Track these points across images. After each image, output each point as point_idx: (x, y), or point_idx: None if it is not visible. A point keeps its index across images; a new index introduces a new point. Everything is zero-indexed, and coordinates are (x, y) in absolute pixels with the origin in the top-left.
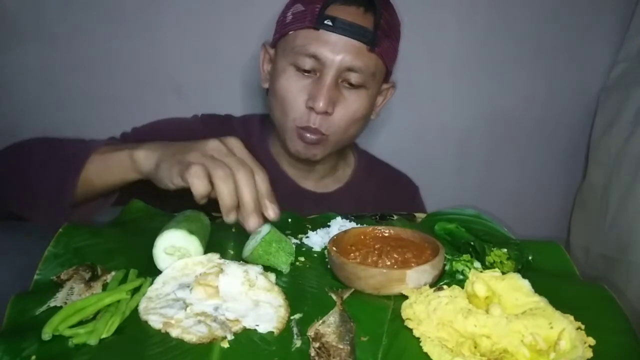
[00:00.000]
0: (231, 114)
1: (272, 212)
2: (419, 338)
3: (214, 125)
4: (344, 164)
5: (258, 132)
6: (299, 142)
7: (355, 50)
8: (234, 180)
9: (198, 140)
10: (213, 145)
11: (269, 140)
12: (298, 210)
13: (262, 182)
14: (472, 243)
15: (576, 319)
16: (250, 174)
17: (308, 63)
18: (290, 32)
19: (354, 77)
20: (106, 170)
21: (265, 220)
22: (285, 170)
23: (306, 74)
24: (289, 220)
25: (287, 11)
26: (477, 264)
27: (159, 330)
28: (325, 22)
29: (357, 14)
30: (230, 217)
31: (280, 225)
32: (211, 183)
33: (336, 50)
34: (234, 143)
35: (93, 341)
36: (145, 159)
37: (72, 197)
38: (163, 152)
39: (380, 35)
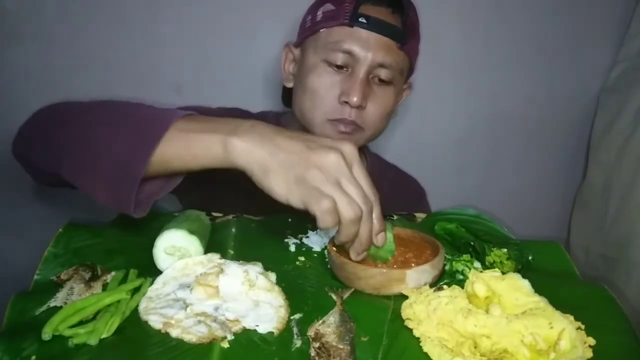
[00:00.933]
0: (247, 110)
1: (380, 241)
2: (419, 338)
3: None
4: None
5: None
6: (332, 134)
7: (386, 47)
8: (357, 213)
9: (311, 141)
10: (334, 161)
11: None
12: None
13: (377, 216)
14: (472, 243)
15: (576, 319)
16: (371, 210)
17: (341, 59)
18: (322, 30)
19: (384, 73)
20: (189, 152)
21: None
22: None
23: (338, 69)
24: (289, 219)
25: (315, 11)
26: (477, 264)
27: (159, 330)
28: (360, 19)
29: (386, 14)
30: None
31: (280, 225)
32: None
33: (369, 47)
34: (353, 157)
35: (93, 341)
36: (244, 153)
37: (142, 174)
38: (271, 155)
39: (408, 34)
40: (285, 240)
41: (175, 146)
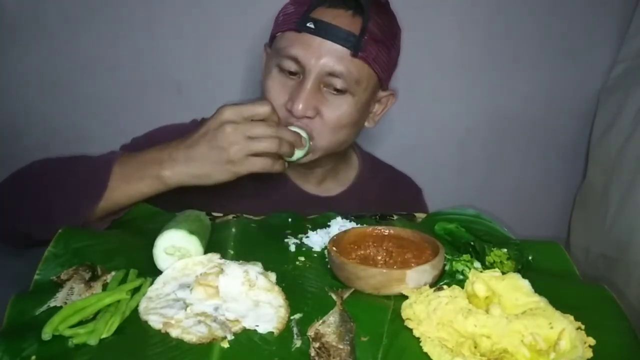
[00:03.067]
0: None
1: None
2: (419, 338)
3: None
4: (346, 167)
5: None
6: None
7: (337, 55)
8: (268, 140)
9: (204, 134)
10: (230, 131)
11: None
12: (302, 214)
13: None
14: (472, 243)
15: (576, 319)
16: (264, 125)
17: (291, 65)
18: (278, 34)
19: (338, 83)
20: (131, 190)
21: None
22: (289, 174)
23: (291, 76)
24: (289, 219)
25: (280, 12)
26: (477, 264)
27: (159, 330)
28: (308, 24)
29: (344, 17)
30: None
31: (280, 225)
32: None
33: (317, 54)
34: (235, 113)
35: (93, 341)
36: (176, 177)
37: (91, 217)
38: (194, 167)
39: (368, 40)
40: (285, 240)
41: (116, 187)
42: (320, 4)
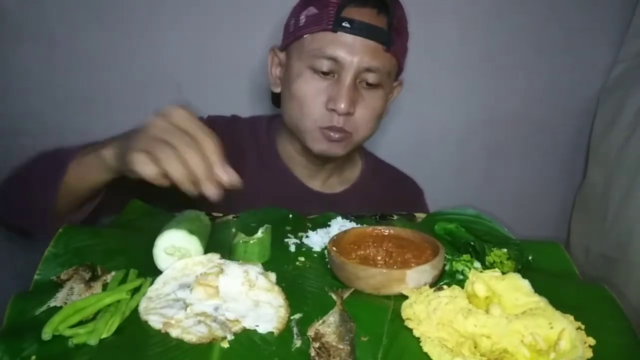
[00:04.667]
0: (238, 115)
1: (225, 178)
2: (419, 338)
3: (221, 126)
4: (351, 165)
5: (265, 132)
6: (323, 142)
7: (372, 51)
8: (181, 157)
9: (147, 122)
10: (156, 124)
11: (276, 141)
12: (304, 210)
13: (210, 151)
14: (472, 243)
15: (576, 319)
16: (195, 146)
17: (326, 65)
18: (306, 36)
19: (371, 77)
20: (82, 175)
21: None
22: (293, 171)
23: (324, 76)
24: (290, 216)
25: (298, 14)
26: (477, 264)
27: (159, 330)
28: (343, 24)
29: (371, 15)
30: (192, 192)
31: (280, 222)
32: None
33: (354, 52)
34: (178, 116)
35: (93, 341)
36: (111, 156)
37: (55, 207)
38: (120, 144)
39: (394, 34)
40: (285, 240)
41: (73, 174)
42: (347, 3)
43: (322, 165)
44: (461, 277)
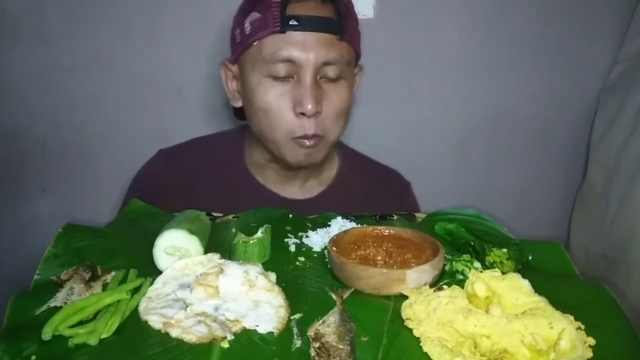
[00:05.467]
0: (198, 137)
1: None
2: (419, 338)
3: (174, 159)
4: (329, 163)
5: (233, 149)
6: (299, 152)
7: (326, 44)
8: None
9: None
10: None
11: (245, 154)
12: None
13: None
14: (472, 243)
15: (576, 319)
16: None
17: (283, 69)
18: (255, 43)
19: (331, 71)
20: None
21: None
22: (265, 183)
23: (283, 80)
24: (290, 216)
25: (242, 22)
26: (477, 264)
27: (159, 330)
28: (290, 22)
29: (316, 7)
30: None
31: (280, 222)
32: None
33: (308, 48)
34: None
35: (93, 341)
36: None
37: None
38: None
39: (344, 22)
40: (285, 240)
41: None
42: (290, 0)
43: (298, 171)
44: (461, 277)
